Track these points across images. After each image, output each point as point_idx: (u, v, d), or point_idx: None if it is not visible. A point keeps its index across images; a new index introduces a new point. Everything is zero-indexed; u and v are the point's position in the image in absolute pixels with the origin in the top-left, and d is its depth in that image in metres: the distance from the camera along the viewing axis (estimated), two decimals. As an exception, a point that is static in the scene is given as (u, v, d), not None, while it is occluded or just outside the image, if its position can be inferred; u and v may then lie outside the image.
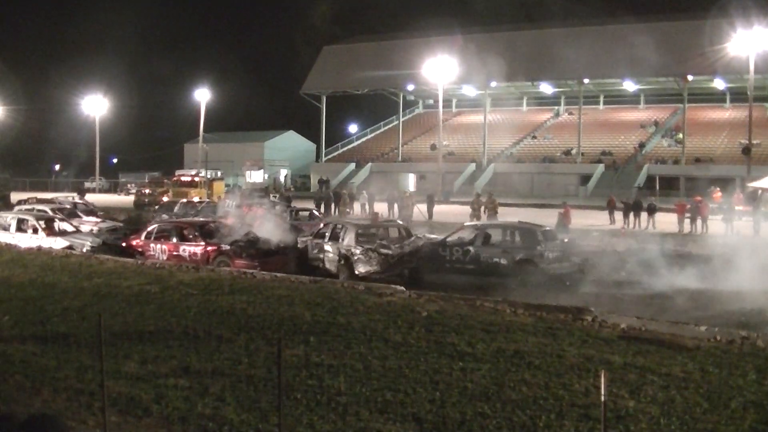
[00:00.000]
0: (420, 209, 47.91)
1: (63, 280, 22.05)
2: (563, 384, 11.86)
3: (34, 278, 22.52)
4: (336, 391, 11.65)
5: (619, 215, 44.13)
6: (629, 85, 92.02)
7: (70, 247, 29.22)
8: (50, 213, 36.61)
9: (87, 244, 29.70)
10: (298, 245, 28.58)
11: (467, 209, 44.44)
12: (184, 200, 51.04)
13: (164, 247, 28.43)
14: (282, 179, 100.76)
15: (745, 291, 21.47)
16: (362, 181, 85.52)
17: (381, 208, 50.21)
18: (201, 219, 33.91)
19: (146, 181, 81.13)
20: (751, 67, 61.03)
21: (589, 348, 13.99)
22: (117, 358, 13.41)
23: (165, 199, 59.66)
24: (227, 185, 78.74)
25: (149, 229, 30.24)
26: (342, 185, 79.96)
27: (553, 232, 28.39)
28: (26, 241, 30.22)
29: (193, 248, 27.89)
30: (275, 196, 57.69)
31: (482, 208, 43.29)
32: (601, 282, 24.46)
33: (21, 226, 31.60)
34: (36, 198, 51.76)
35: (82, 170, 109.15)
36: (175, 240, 28.66)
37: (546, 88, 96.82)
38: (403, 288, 20.36)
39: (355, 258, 26.21)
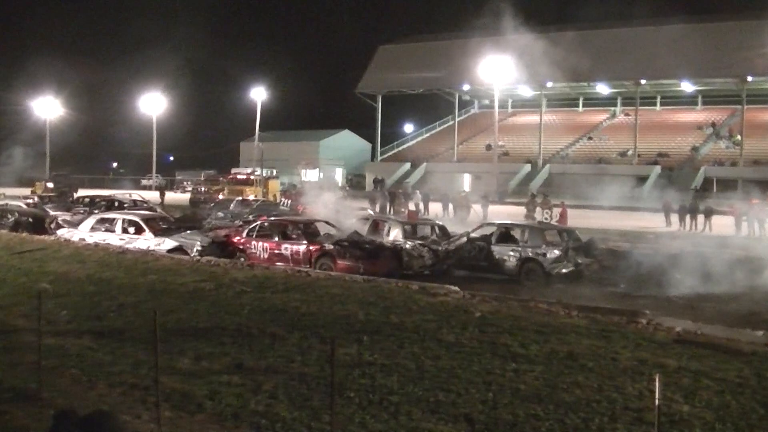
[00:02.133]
0: (475, 209, 47.82)
1: (119, 276, 22.25)
2: (616, 387, 11.77)
3: (92, 274, 22.76)
4: (388, 391, 11.67)
5: (675, 218, 43.73)
6: (686, 86, 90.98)
7: (179, 248, 27.97)
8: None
9: (197, 244, 28.18)
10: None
11: (522, 210, 44.28)
12: (240, 198, 51.31)
13: (266, 245, 27.83)
14: (338, 178, 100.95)
15: None
16: (417, 181, 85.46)
17: (436, 207, 50.26)
18: (305, 218, 33.46)
19: (202, 179, 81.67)
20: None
21: (643, 351, 13.87)
22: (171, 354, 13.53)
23: (220, 197, 60.02)
24: (282, 183, 79.05)
25: (251, 226, 29.68)
26: (397, 185, 79.95)
27: (573, 232, 28.82)
28: (133, 242, 28.89)
29: (296, 247, 27.25)
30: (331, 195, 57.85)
31: (537, 209, 43.13)
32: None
33: (127, 227, 30.10)
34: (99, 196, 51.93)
35: (139, 168, 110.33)
36: (277, 239, 28.09)
37: (602, 88, 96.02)
38: (456, 288, 20.29)
39: (404, 252, 26.60)
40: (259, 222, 30.38)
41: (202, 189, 69.14)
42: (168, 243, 28.37)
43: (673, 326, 16.06)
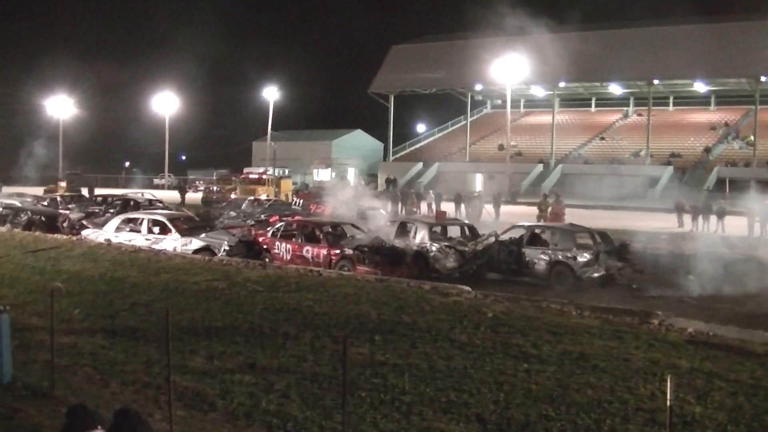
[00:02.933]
0: (487, 209, 47.81)
1: (132, 275, 22.30)
2: (629, 388, 11.76)
3: (104, 273, 22.82)
4: (400, 390, 11.69)
5: (687, 218, 43.64)
6: (700, 86, 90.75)
7: (207, 248, 27.65)
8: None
9: (224, 244, 27.85)
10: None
11: (535, 210, 44.20)
12: (252, 197, 51.41)
13: (289, 246, 27.51)
14: (351, 178, 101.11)
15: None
16: (429, 181, 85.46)
17: (448, 207, 50.22)
18: (330, 220, 32.75)
19: (214, 178, 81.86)
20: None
21: (656, 352, 13.85)
22: (184, 353, 13.58)
23: (233, 196, 60.16)
24: (295, 183, 79.25)
25: (277, 225, 29.51)
26: (409, 184, 79.97)
27: (606, 235, 27.61)
28: (159, 242, 28.62)
29: (317, 250, 26.92)
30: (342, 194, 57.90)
31: (549, 209, 43.06)
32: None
33: (153, 227, 29.85)
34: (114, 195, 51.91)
35: (152, 167, 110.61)
36: (300, 240, 27.70)
37: (615, 88, 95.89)
38: (468, 288, 20.28)
39: (432, 254, 25.93)
40: (282, 222, 30.24)
41: (215, 188, 69.31)
42: (195, 243, 28.15)
43: (686, 327, 16.03)
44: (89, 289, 20.49)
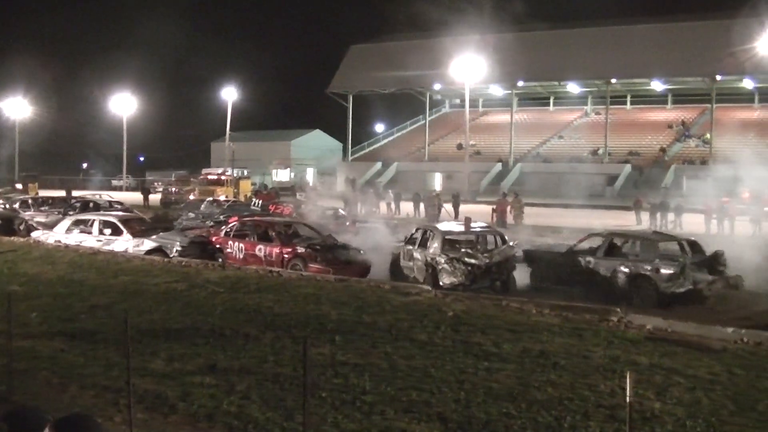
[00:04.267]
0: (446, 209, 47.89)
1: (91, 278, 22.16)
2: (589, 385, 11.84)
3: (63, 275, 22.66)
4: (361, 390, 11.68)
5: (645, 216, 43.96)
6: (657, 85, 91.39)
7: (159, 249, 27.56)
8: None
9: (177, 244, 27.66)
10: (393, 251, 27.04)
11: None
12: (211, 198, 51.26)
13: (242, 245, 27.48)
14: (309, 179, 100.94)
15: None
16: (388, 181, 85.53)
17: (407, 207, 50.29)
18: (283, 219, 33.17)
19: (173, 179, 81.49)
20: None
21: (615, 349, 13.96)
22: (144, 356, 13.49)
23: (191, 197, 59.96)
24: (254, 183, 79.07)
25: (229, 225, 29.52)
26: (368, 184, 79.97)
27: (696, 244, 24.40)
28: (111, 243, 28.36)
29: (270, 249, 26.83)
30: (302, 195, 57.96)
31: (508, 209, 43.21)
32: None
33: (104, 228, 29.44)
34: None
35: (110, 168, 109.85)
36: (252, 239, 27.74)
37: (573, 87, 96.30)
38: (429, 287, 20.32)
39: (440, 267, 23.89)
40: (236, 222, 30.25)
41: (174, 190, 68.99)
42: (147, 244, 28.04)
43: (645, 324, 16.16)
44: (47, 293, 20.32)
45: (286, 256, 26.32)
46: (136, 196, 66.62)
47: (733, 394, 11.50)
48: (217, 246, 28.12)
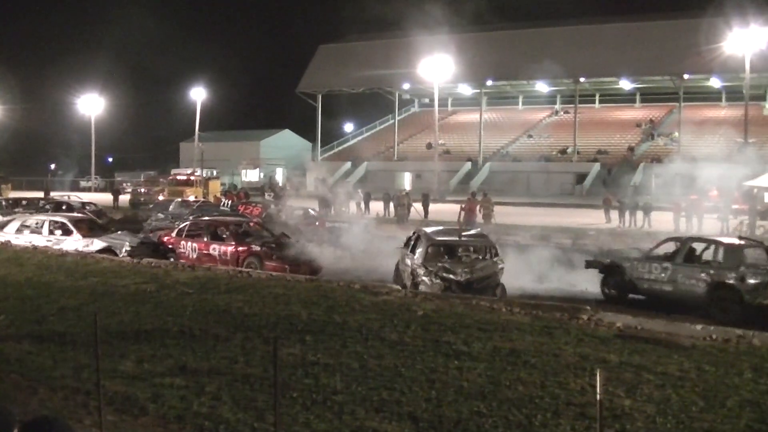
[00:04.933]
0: (416, 208, 47.92)
1: (59, 279, 21.98)
2: (559, 383, 11.86)
3: (31, 277, 22.46)
4: (332, 390, 11.65)
5: (614, 214, 44.21)
6: (625, 84, 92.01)
7: (108, 249, 27.67)
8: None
9: (126, 244, 27.80)
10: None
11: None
12: (180, 199, 51.10)
13: (195, 245, 27.74)
14: (279, 178, 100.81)
15: None
16: (358, 180, 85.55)
17: (377, 206, 50.25)
18: (235, 218, 33.30)
19: (142, 180, 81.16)
20: (747, 66, 61.01)
21: (586, 347, 14.00)
22: (113, 357, 13.39)
23: (160, 198, 59.75)
24: (223, 184, 78.90)
25: (181, 226, 29.63)
26: (338, 184, 79.96)
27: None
28: (61, 243, 28.45)
29: (224, 248, 27.11)
30: (270, 195, 57.90)
31: (478, 208, 43.26)
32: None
33: (54, 228, 29.60)
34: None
35: (79, 169, 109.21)
36: (206, 239, 27.97)
37: (542, 86, 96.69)
38: (399, 287, 20.32)
39: (419, 279, 22.34)
40: (188, 222, 30.32)
41: (143, 190, 68.78)
42: (97, 244, 28.18)
43: (615, 321, 16.24)
44: (15, 295, 20.13)
45: (241, 254, 26.64)
46: (106, 197, 66.25)
47: (703, 390, 11.56)
48: (170, 246, 28.32)
